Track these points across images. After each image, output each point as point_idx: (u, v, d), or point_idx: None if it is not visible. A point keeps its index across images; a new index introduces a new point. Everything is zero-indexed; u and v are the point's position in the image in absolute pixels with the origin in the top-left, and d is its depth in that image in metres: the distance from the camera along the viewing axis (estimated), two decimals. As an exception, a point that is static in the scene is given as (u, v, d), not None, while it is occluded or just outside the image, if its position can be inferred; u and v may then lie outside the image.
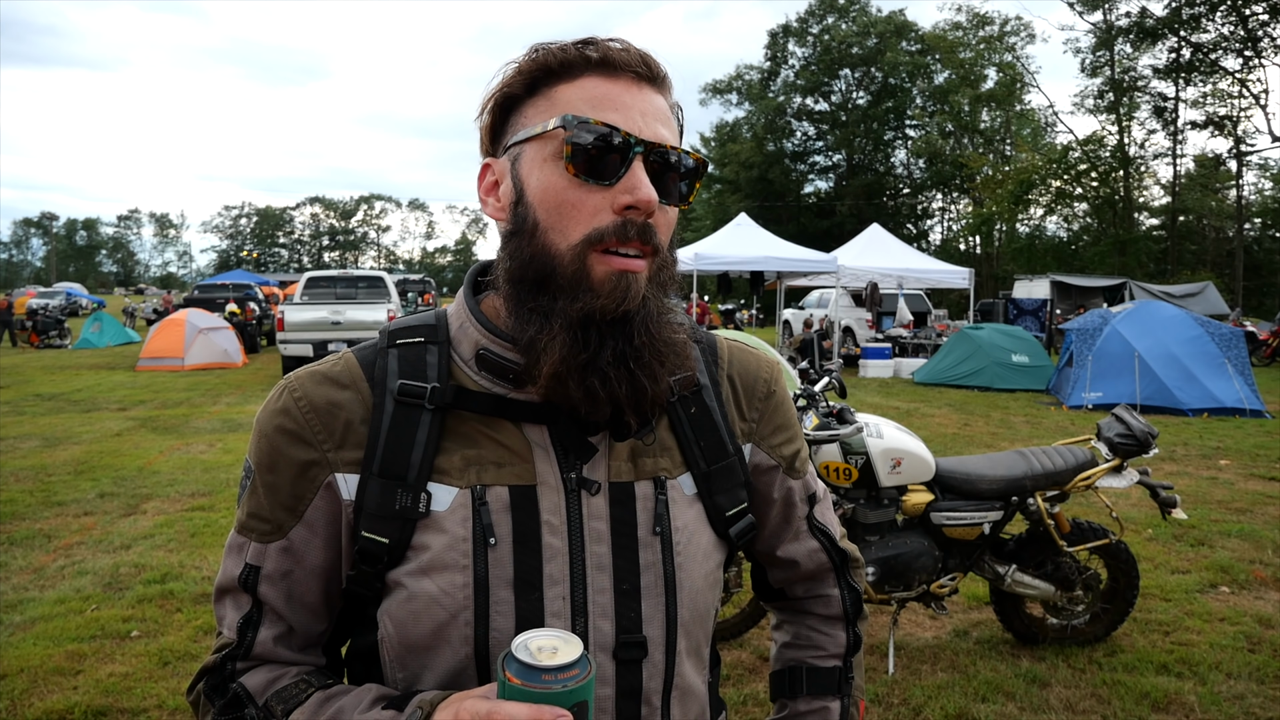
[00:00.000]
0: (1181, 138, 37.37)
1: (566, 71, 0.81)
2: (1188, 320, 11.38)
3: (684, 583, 0.87)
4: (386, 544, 0.82)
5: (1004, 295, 23.91)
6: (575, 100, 0.80)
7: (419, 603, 0.81)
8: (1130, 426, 3.55)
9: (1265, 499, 6.39)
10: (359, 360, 0.88)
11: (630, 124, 0.80)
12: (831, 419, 3.36)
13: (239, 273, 41.11)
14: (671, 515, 0.87)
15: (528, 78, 0.83)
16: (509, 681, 0.64)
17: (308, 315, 13.72)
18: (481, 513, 0.82)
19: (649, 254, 0.81)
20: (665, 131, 0.82)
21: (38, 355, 19.20)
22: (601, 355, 0.78)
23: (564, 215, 0.80)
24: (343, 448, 0.84)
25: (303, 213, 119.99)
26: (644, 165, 0.80)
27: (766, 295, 29.47)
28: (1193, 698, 3.28)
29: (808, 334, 16.33)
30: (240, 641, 0.85)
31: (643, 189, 0.78)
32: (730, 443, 0.93)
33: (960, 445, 8.56)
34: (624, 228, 0.78)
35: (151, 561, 4.81)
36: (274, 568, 0.85)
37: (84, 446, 8.21)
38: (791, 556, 1.04)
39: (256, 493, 0.86)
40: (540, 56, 0.82)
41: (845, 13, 49.19)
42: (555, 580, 0.82)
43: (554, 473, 0.84)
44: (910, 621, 4.05)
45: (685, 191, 0.85)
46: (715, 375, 0.96)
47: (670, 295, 0.85)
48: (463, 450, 0.84)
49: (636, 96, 0.81)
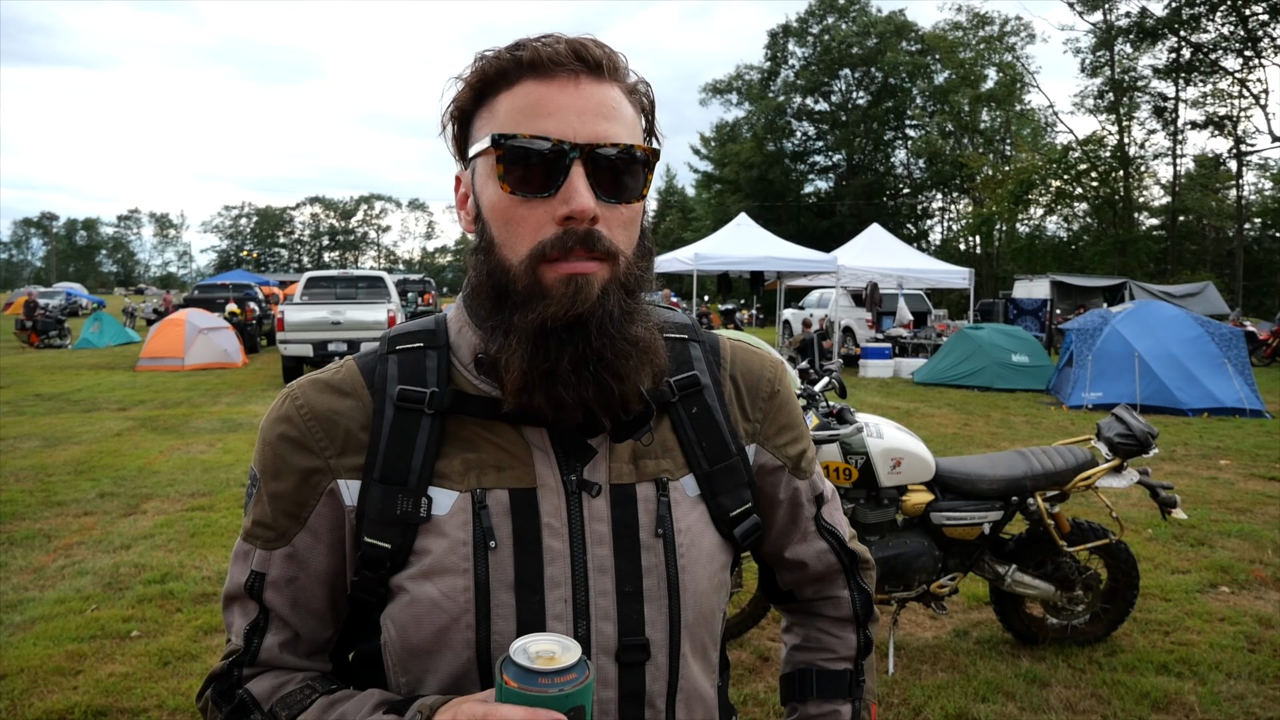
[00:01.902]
0: (1181, 138, 37.39)
1: (504, 79, 0.79)
2: (1188, 320, 11.38)
3: (688, 585, 0.86)
4: (389, 549, 0.82)
5: (1004, 295, 23.91)
6: (510, 111, 0.78)
7: (420, 607, 0.81)
8: (1130, 426, 3.55)
9: (1265, 499, 6.39)
10: (360, 367, 0.89)
11: (565, 128, 0.77)
12: (831, 419, 3.36)
13: (239, 273, 41.08)
14: (674, 517, 0.87)
15: (474, 90, 0.81)
16: (506, 685, 0.65)
17: (308, 315, 13.71)
18: (482, 516, 0.82)
19: (600, 258, 0.79)
20: (608, 126, 0.78)
21: (38, 355, 19.20)
22: (561, 362, 0.77)
23: (511, 232, 0.79)
24: (344, 454, 0.85)
25: (303, 213, 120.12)
26: (584, 169, 0.77)
27: (766, 295, 29.46)
28: (1193, 698, 3.28)
29: (808, 334, 16.31)
30: (247, 648, 0.86)
31: (576, 199, 0.76)
32: (733, 443, 0.92)
33: (960, 445, 8.56)
34: (564, 238, 0.77)
35: (151, 561, 4.81)
36: (279, 574, 0.86)
37: (84, 446, 8.21)
38: (800, 558, 1.03)
39: (261, 500, 0.87)
40: (480, 68, 0.80)
41: (845, 13, 49.17)
42: (557, 583, 0.82)
43: (554, 475, 0.84)
44: (910, 621, 4.05)
45: (639, 184, 0.81)
46: (717, 375, 0.95)
47: (638, 295, 0.83)
48: (463, 454, 0.84)
49: (573, 95, 0.78)
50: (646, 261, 0.85)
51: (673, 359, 0.92)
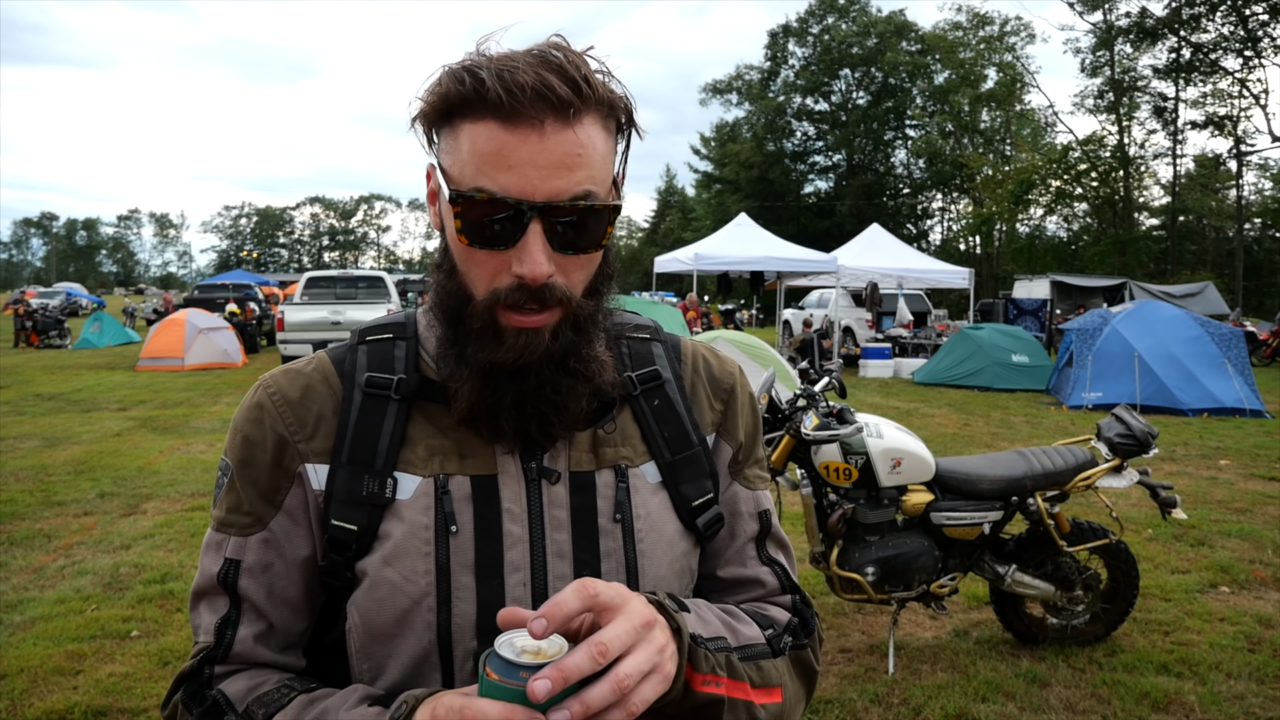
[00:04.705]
0: (1181, 138, 37.36)
1: (469, 108, 0.76)
2: (1188, 320, 11.38)
3: (646, 570, 0.88)
4: (354, 530, 0.83)
5: (1004, 295, 23.89)
6: (471, 153, 0.76)
7: (383, 590, 0.82)
8: (1130, 426, 3.55)
9: (1265, 499, 6.39)
10: (331, 357, 0.92)
11: (525, 184, 0.75)
12: (831, 419, 3.35)
13: (239, 273, 41.10)
14: (633, 503, 0.89)
15: (438, 108, 0.79)
16: (488, 677, 0.65)
17: (308, 315, 13.72)
18: (444, 501, 0.84)
19: (553, 308, 0.80)
20: (570, 178, 0.76)
21: (38, 355, 19.19)
22: (504, 399, 0.81)
23: (470, 272, 0.82)
24: (313, 439, 0.87)
25: (303, 213, 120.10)
26: (542, 227, 0.77)
27: (766, 295, 29.48)
28: (1193, 698, 3.28)
29: (808, 334, 16.32)
30: (219, 642, 0.85)
31: (527, 263, 0.76)
32: (694, 433, 0.94)
33: (960, 445, 8.56)
34: (517, 294, 0.78)
35: (151, 561, 4.81)
36: (255, 560, 0.86)
37: (84, 446, 8.21)
38: (737, 577, 0.98)
39: (235, 489, 0.87)
40: (443, 90, 0.77)
41: (845, 13, 49.17)
42: (516, 567, 0.84)
43: (515, 463, 0.86)
44: (910, 621, 4.05)
45: (600, 233, 0.80)
46: (679, 370, 0.97)
47: (588, 327, 0.84)
48: (427, 440, 0.86)
49: (536, 147, 0.75)
50: (605, 288, 0.87)
51: (635, 357, 0.95)
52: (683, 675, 0.73)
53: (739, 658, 0.83)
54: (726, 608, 0.91)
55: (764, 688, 0.84)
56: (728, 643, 0.83)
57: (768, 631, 0.90)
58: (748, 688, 0.81)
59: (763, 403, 3.53)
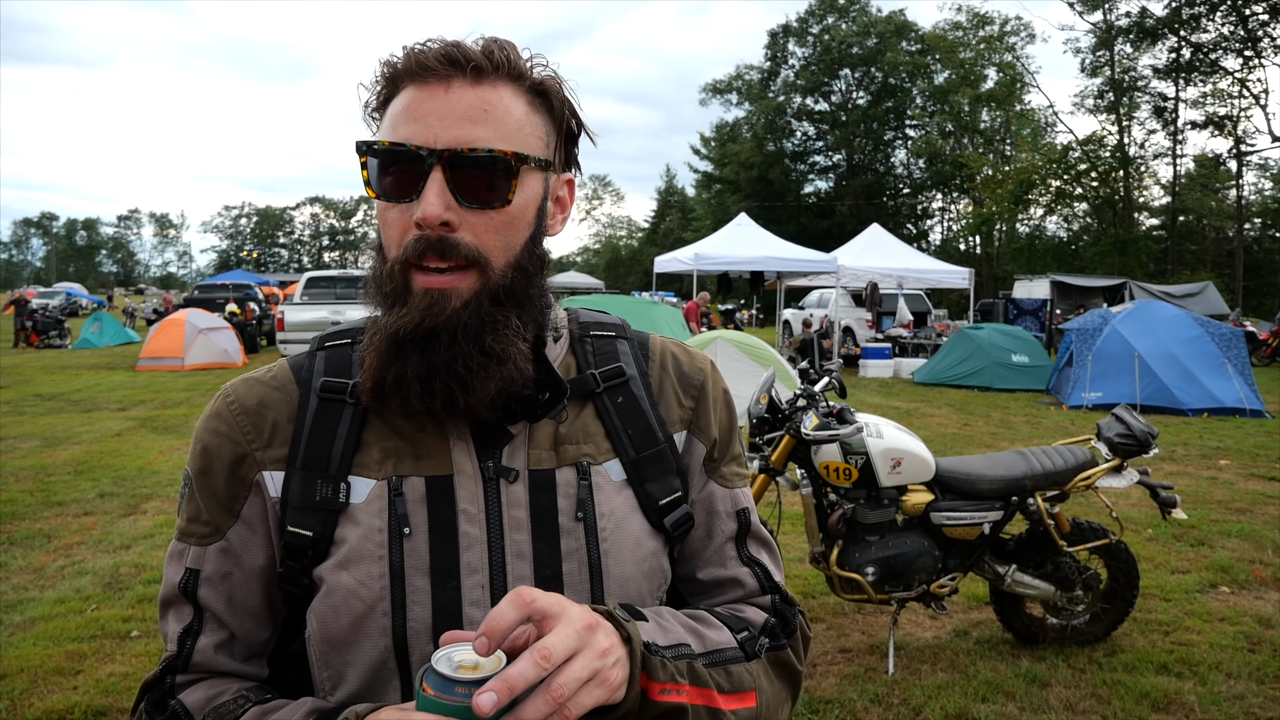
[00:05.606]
0: (1181, 138, 37.35)
1: (395, 84, 0.81)
2: (1188, 320, 11.38)
3: (611, 569, 0.86)
4: (310, 537, 0.83)
5: (1004, 295, 23.88)
6: (388, 116, 0.81)
7: (338, 596, 0.82)
8: (1130, 426, 3.55)
9: (1265, 499, 6.39)
10: (290, 365, 0.92)
11: (426, 133, 0.77)
12: (831, 419, 3.35)
13: (239, 273, 41.11)
14: (596, 501, 0.87)
15: (380, 95, 0.84)
16: (425, 693, 0.64)
17: (308, 315, 13.72)
18: (397, 504, 0.83)
19: (462, 267, 0.79)
20: (474, 130, 0.77)
21: (38, 355, 19.19)
22: (407, 371, 0.79)
23: (385, 234, 0.82)
24: (270, 446, 0.86)
25: (303, 213, 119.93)
26: (443, 175, 0.77)
27: (766, 295, 29.47)
28: (1193, 698, 3.28)
29: (808, 334, 16.32)
30: (180, 651, 0.85)
31: (422, 205, 0.76)
32: (660, 430, 0.92)
33: (960, 445, 8.56)
34: (416, 244, 0.78)
35: (151, 561, 4.81)
36: (213, 569, 0.86)
37: (84, 446, 8.21)
38: (715, 578, 0.96)
39: (194, 498, 0.88)
40: (382, 72, 0.82)
41: (845, 13, 49.17)
42: (474, 569, 0.82)
43: (471, 462, 0.85)
44: (910, 621, 4.05)
45: (506, 188, 0.79)
46: (645, 368, 0.96)
47: (510, 305, 0.81)
48: (381, 443, 0.85)
49: (441, 100, 0.78)
50: (532, 269, 0.84)
51: (599, 354, 0.94)
52: (637, 684, 0.71)
53: (705, 664, 0.81)
54: (695, 613, 0.89)
55: (734, 693, 0.82)
56: (691, 649, 0.81)
57: (741, 635, 0.88)
58: (714, 694, 0.79)
59: (763, 403, 3.53)
